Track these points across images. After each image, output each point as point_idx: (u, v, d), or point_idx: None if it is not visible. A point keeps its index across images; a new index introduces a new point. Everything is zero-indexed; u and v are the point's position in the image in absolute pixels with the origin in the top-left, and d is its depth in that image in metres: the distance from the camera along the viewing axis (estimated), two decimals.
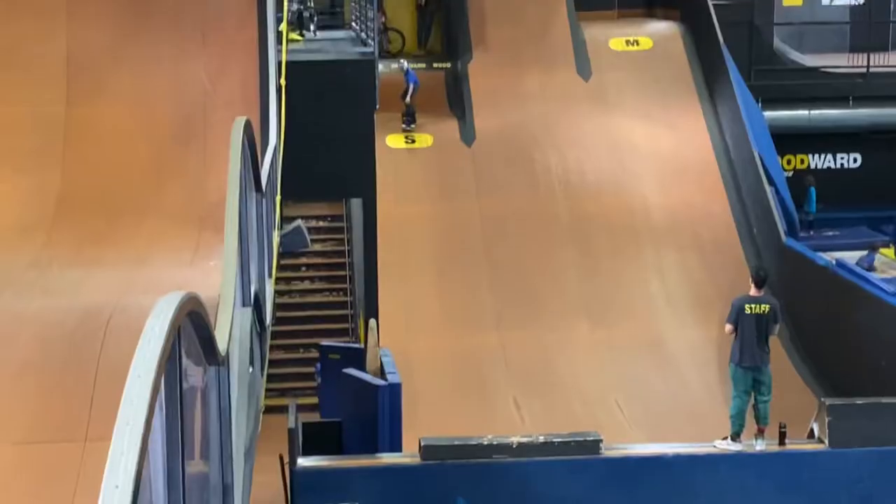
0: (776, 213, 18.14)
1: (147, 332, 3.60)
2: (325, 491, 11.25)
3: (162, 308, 3.77)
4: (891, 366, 14.83)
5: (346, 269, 18.23)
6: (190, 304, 4.17)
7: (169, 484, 4.00)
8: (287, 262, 17.54)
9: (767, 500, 11.38)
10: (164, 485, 3.95)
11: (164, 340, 3.57)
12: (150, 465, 3.63)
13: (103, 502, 3.00)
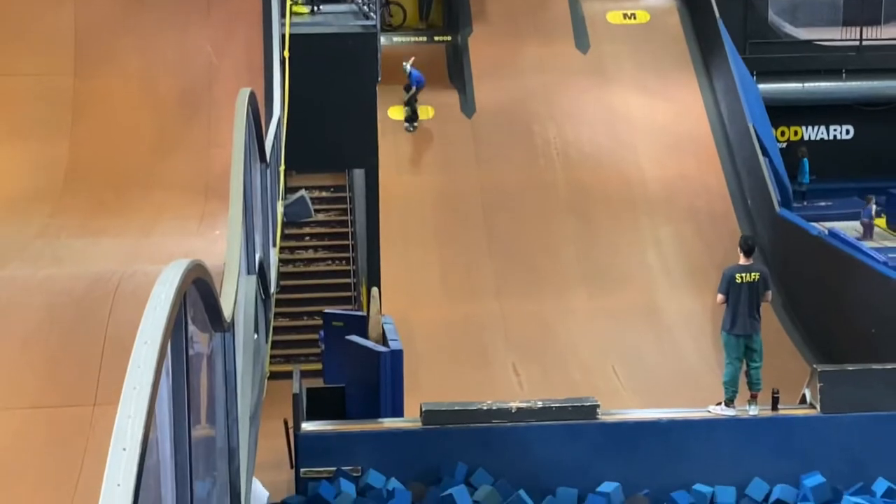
0: (770, 184, 18.28)
1: (153, 299, 3.65)
2: (328, 455, 11.45)
3: (168, 275, 3.83)
4: (881, 333, 15.01)
5: (348, 238, 18.40)
6: (195, 272, 4.25)
7: (175, 447, 4.04)
8: (291, 232, 17.71)
9: (760, 464, 11.53)
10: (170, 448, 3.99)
11: (171, 307, 3.62)
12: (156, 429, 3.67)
13: (111, 465, 3.03)
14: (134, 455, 3.07)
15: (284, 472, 11.77)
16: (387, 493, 11.04)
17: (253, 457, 7.90)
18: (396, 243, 17.38)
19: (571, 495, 11.28)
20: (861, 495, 11.26)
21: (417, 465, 11.43)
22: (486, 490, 11.18)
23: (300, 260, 18.23)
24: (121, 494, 2.93)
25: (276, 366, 14.74)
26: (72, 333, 6.83)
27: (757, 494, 11.35)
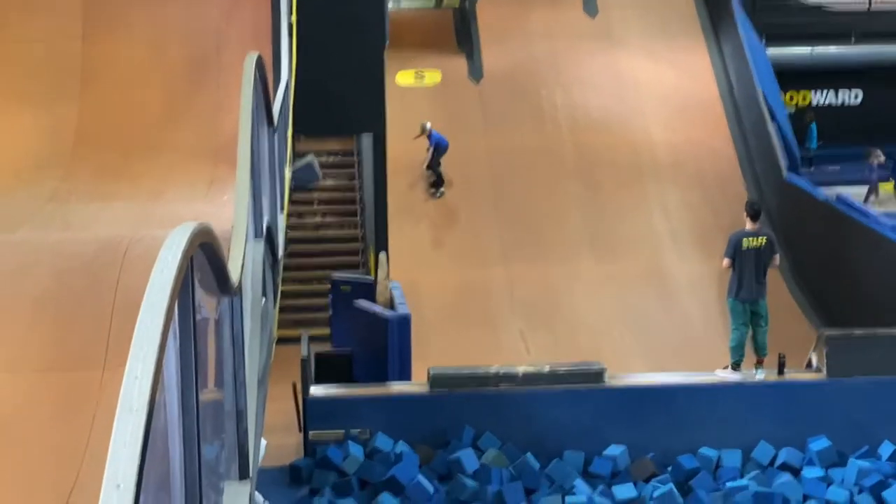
0: (778, 149, 18.26)
1: (160, 262, 3.65)
2: (336, 418, 11.54)
3: (175, 239, 3.82)
4: (887, 298, 15.04)
5: (356, 203, 18.43)
6: (202, 235, 4.26)
7: (183, 408, 4.05)
8: (299, 197, 17.75)
9: (766, 428, 11.60)
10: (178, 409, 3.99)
11: (177, 269, 3.62)
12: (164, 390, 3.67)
13: (118, 426, 3.03)
14: (141, 416, 3.08)
15: (293, 436, 11.86)
16: (395, 456, 11.12)
17: (261, 419, 7.96)
18: (404, 208, 17.41)
19: (578, 459, 11.35)
20: (867, 458, 11.31)
21: (425, 428, 11.51)
22: (493, 453, 11.26)
23: (309, 225, 18.27)
24: (128, 455, 2.97)
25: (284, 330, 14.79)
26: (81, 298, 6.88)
27: (763, 458, 11.41)
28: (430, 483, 10.79)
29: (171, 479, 3.98)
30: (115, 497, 2.87)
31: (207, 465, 4.97)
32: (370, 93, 15.24)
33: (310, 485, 11.01)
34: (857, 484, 10.97)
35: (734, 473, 11.19)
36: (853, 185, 22.11)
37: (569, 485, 10.96)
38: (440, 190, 18.15)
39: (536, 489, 10.96)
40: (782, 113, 19.62)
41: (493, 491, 10.80)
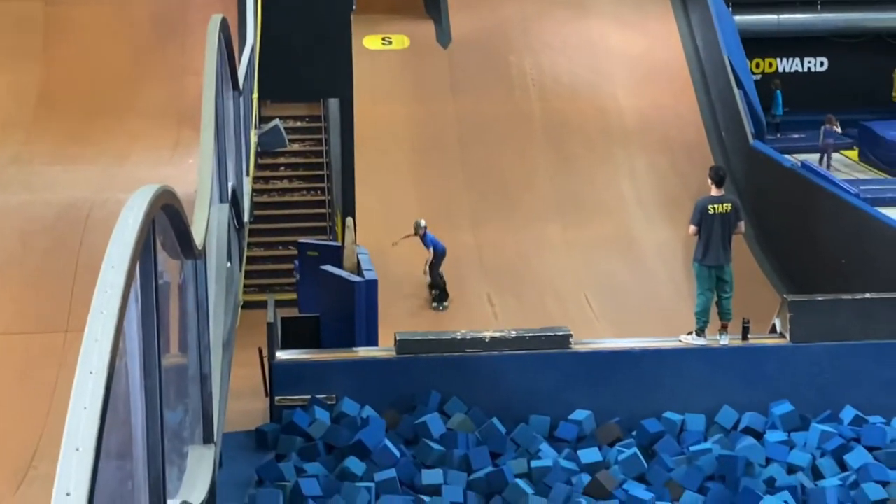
0: (744, 116, 18.32)
1: (121, 224, 3.61)
2: (302, 383, 11.53)
3: (136, 201, 3.79)
4: (851, 264, 15.16)
5: (323, 168, 18.37)
6: (164, 198, 4.23)
7: (145, 372, 4.01)
8: (266, 162, 17.67)
9: (730, 392, 11.67)
10: (140, 372, 3.95)
11: (138, 231, 3.58)
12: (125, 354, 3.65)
13: (77, 388, 3.01)
14: (101, 378, 3.05)
15: (259, 401, 11.86)
16: (361, 420, 11.14)
17: (226, 383, 7.96)
18: (371, 173, 17.37)
19: (544, 423, 11.40)
20: (829, 423, 11.42)
21: (392, 393, 11.52)
22: (459, 418, 11.29)
23: (275, 190, 18.22)
24: (87, 417, 2.95)
25: (250, 295, 14.80)
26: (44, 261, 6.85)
27: (726, 422, 11.50)
28: (397, 447, 10.82)
29: (134, 442, 3.96)
30: (74, 460, 2.85)
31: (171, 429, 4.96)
32: (337, 57, 15.14)
33: (276, 450, 11.01)
34: (819, 448, 11.07)
35: (698, 437, 11.26)
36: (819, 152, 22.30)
37: (534, 449, 11.02)
38: (444, 304, 15.73)
39: (502, 453, 11.00)
40: (749, 80, 19.69)
41: (459, 455, 10.84)
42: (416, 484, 10.52)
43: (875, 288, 12.66)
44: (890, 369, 11.71)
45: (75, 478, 2.81)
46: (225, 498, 9.66)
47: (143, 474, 4.07)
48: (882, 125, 22.96)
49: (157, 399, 4.18)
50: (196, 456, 5.74)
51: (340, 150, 16.95)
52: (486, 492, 10.53)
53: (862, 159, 22.93)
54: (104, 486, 3.34)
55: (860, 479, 10.47)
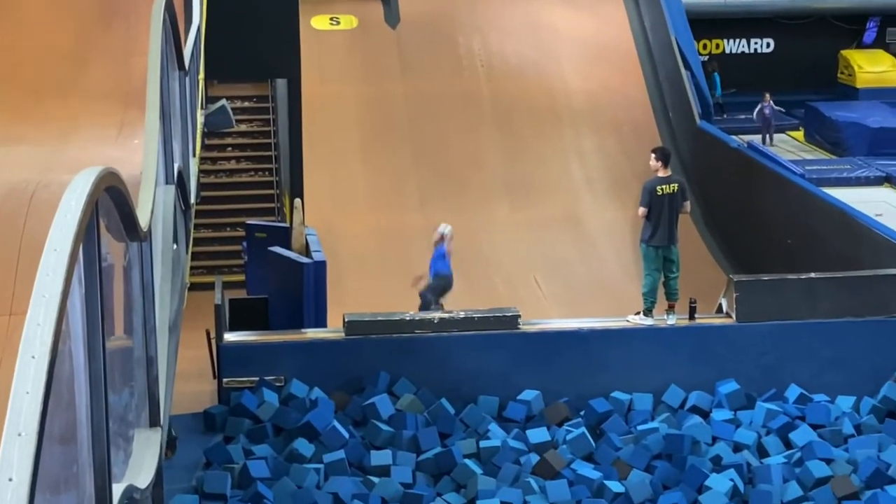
0: (691, 97, 18.44)
1: (63, 206, 3.58)
2: (251, 365, 11.48)
3: (78, 183, 3.75)
4: (796, 243, 15.31)
5: (271, 149, 18.28)
6: (108, 180, 4.19)
7: (89, 355, 4.01)
8: (213, 143, 17.56)
9: (677, 371, 11.75)
10: (84, 356, 3.95)
11: (81, 214, 3.55)
12: (69, 337, 3.64)
13: (19, 372, 2.99)
14: (43, 362, 3.03)
15: (207, 383, 11.80)
16: (309, 402, 11.12)
17: (173, 365, 7.92)
18: (320, 154, 17.30)
19: (492, 403, 11.44)
20: (774, 401, 11.54)
21: (340, 374, 11.50)
22: (408, 399, 11.30)
23: (222, 171, 18.10)
24: (29, 401, 2.92)
25: (198, 277, 14.71)
26: None
27: (673, 401, 11.59)
28: (345, 429, 10.82)
29: (78, 426, 3.93)
30: (16, 445, 2.82)
31: (116, 413, 4.93)
32: (284, 37, 15.06)
33: (224, 432, 10.97)
34: (764, 426, 11.19)
35: (645, 416, 11.35)
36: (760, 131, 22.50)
37: (483, 429, 11.05)
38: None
39: (451, 434, 11.03)
40: (696, 61, 19.80)
41: (408, 436, 10.86)
42: (365, 465, 10.53)
43: (820, 267, 12.79)
44: (834, 348, 11.85)
45: (17, 462, 2.78)
46: (173, 480, 9.62)
47: (87, 458, 4.04)
48: (827, 106, 23.19)
49: (101, 382, 4.16)
50: (142, 439, 5.72)
51: (288, 131, 16.87)
52: (435, 472, 10.56)
53: (808, 140, 23.15)
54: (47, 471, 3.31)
55: (805, 456, 10.60)
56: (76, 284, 3.76)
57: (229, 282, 13.58)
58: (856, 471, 10.41)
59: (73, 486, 3.81)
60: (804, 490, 10.23)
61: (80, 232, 3.56)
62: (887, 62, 25.84)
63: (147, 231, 5.89)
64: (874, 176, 19.48)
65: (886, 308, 11.98)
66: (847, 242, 14.18)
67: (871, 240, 13.67)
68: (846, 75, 25.87)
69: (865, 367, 11.78)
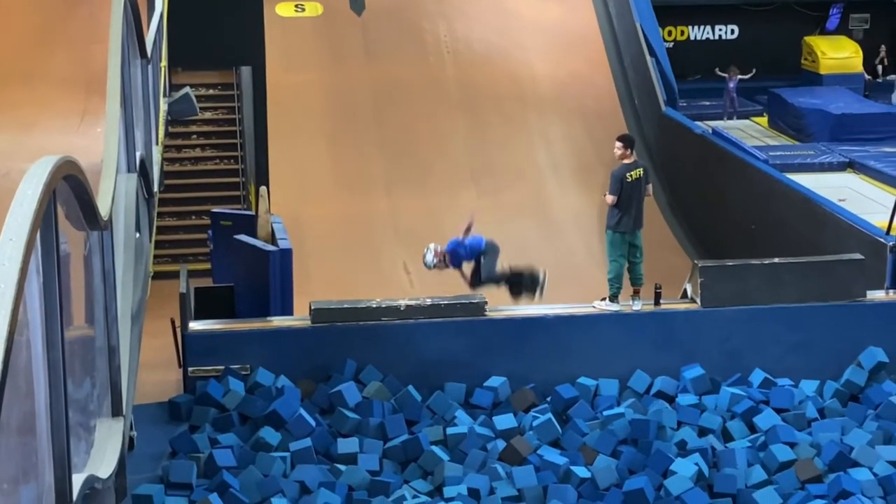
0: (656, 83, 18.48)
1: (19, 196, 3.54)
2: (216, 354, 11.44)
3: (35, 171, 3.71)
4: (760, 229, 15.39)
5: (236, 136, 18.21)
6: (66, 168, 4.15)
7: (48, 345, 3.98)
8: (177, 130, 17.46)
9: (642, 357, 11.79)
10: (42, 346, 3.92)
11: (38, 203, 3.51)
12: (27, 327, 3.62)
13: None
14: None
15: (172, 372, 11.75)
16: (276, 390, 11.10)
17: (136, 355, 7.88)
18: (285, 141, 17.25)
19: (459, 390, 11.45)
20: (738, 386, 11.61)
21: (307, 362, 11.47)
22: (375, 386, 11.30)
23: (187, 158, 18.01)
24: None
25: (163, 266, 14.65)
26: None
27: (639, 386, 11.64)
28: (312, 417, 10.81)
29: (37, 416, 3.91)
30: None
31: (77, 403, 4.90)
32: (248, 25, 15.00)
33: (189, 421, 10.93)
34: (729, 410, 11.25)
35: (611, 402, 11.39)
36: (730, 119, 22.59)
37: (450, 416, 11.07)
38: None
39: (418, 421, 11.04)
40: (661, 47, 19.85)
41: (374, 423, 10.86)
42: (332, 453, 10.52)
43: (783, 253, 12.87)
44: (798, 332, 11.93)
45: None
46: (138, 470, 9.59)
47: (47, 448, 4.02)
48: (791, 92, 23.29)
49: (60, 372, 4.13)
50: (104, 429, 5.68)
51: (253, 119, 16.81)
52: (402, 459, 10.57)
53: (771, 126, 23.26)
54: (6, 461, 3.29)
55: (769, 440, 10.68)
56: (33, 274, 3.73)
57: (194, 270, 13.53)
58: (819, 454, 10.49)
59: (32, 478, 3.78)
60: (768, 474, 10.31)
61: (37, 221, 3.53)
62: (850, 48, 25.99)
63: (108, 220, 5.84)
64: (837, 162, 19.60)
65: (849, 293, 12.06)
66: (810, 228, 14.26)
67: (834, 225, 13.76)
68: (810, 61, 26.00)
69: (829, 352, 11.86)
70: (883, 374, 11.74)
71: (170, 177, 15.87)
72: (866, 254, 12.35)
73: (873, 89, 25.66)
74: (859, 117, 21.75)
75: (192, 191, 17.27)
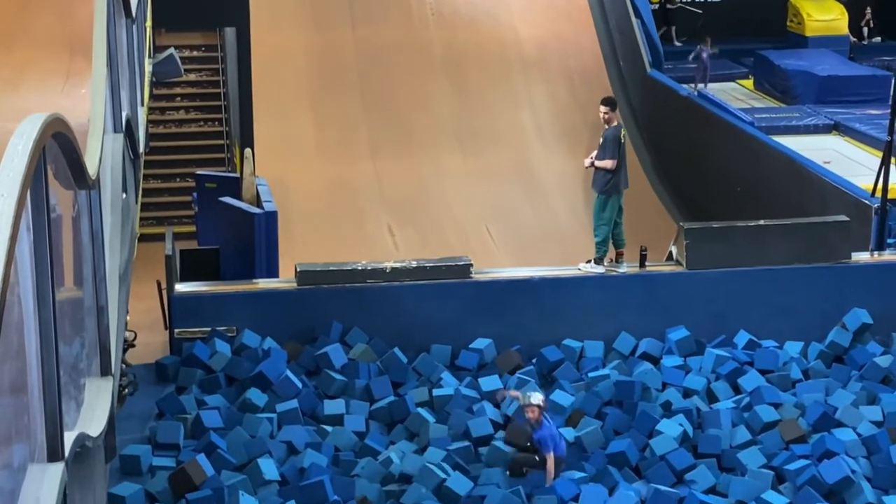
0: (642, 45, 18.43)
1: (10, 151, 3.52)
2: (202, 316, 11.43)
3: (25, 128, 3.70)
4: (746, 191, 15.41)
5: (221, 99, 18.12)
6: (55, 125, 4.14)
7: (39, 302, 3.98)
8: (161, 92, 17.37)
9: (628, 319, 11.82)
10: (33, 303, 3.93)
11: (28, 159, 3.50)
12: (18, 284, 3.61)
13: None
14: None
15: (159, 334, 11.75)
16: (262, 352, 11.10)
17: (124, 315, 7.87)
18: (270, 103, 17.18)
19: (445, 352, 11.48)
20: (723, 347, 11.66)
21: (293, 324, 11.48)
22: (361, 348, 11.32)
23: (171, 121, 17.93)
24: None
25: (148, 228, 14.61)
26: None
27: (624, 348, 11.68)
28: (298, 378, 10.82)
29: (28, 374, 3.91)
30: None
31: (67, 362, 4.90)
32: None
33: (176, 382, 10.94)
34: (713, 371, 11.31)
35: (596, 363, 11.43)
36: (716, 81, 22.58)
37: (436, 378, 11.10)
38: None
39: (404, 382, 11.07)
40: (646, 9, 19.80)
41: (360, 385, 10.88)
42: (318, 414, 10.55)
43: (768, 215, 12.89)
44: (782, 294, 11.97)
45: None
46: (126, 430, 9.60)
47: (38, 406, 4.02)
48: (777, 54, 23.28)
49: (51, 330, 4.12)
50: (94, 388, 5.68)
51: (238, 81, 16.72)
52: (388, 421, 10.60)
53: (757, 88, 23.26)
54: None
55: (753, 401, 10.73)
56: (24, 231, 3.72)
57: (180, 233, 13.49)
58: (803, 415, 10.55)
59: (24, 435, 3.79)
60: (752, 434, 10.37)
61: (28, 177, 3.51)
62: (836, 10, 25.96)
63: (96, 179, 5.82)
64: (822, 124, 19.64)
65: (834, 254, 12.11)
66: (796, 190, 14.29)
67: (819, 187, 13.79)
68: (795, 23, 25.97)
69: (813, 313, 11.92)
70: (867, 336, 11.81)
71: (155, 139, 15.81)
72: (851, 216, 12.39)
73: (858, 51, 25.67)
74: (845, 79, 21.77)
75: (177, 153, 17.20)
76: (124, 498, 8.96)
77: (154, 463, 9.62)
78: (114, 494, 8.92)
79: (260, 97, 16.62)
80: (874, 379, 11.19)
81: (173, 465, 9.53)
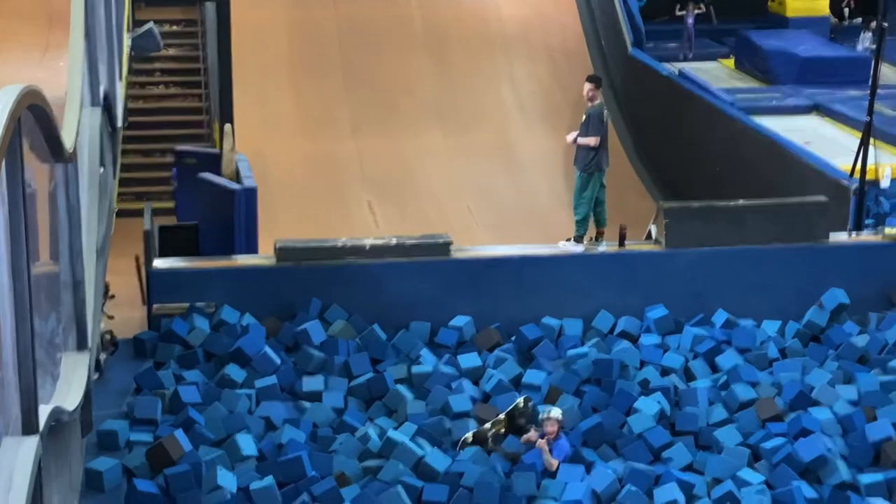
0: (623, 24, 18.41)
1: None
2: (181, 291, 11.40)
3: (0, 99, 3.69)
4: (726, 171, 15.44)
5: (200, 74, 18.03)
6: (30, 97, 4.12)
7: (14, 275, 3.98)
8: (140, 67, 17.27)
9: (607, 297, 11.83)
10: (7, 275, 3.94)
11: (3, 130, 3.49)
12: None
13: None
14: None
15: (137, 309, 11.72)
16: (241, 328, 11.08)
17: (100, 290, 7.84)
18: (250, 79, 17.13)
19: (424, 329, 11.48)
20: (701, 326, 11.70)
21: (272, 301, 11.46)
22: (340, 325, 11.31)
23: (150, 96, 17.83)
24: None
25: (127, 203, 14.55)
26: None
27: (603, 326, 11.70)
28: (277, 354, 10.81)
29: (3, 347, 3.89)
30: None
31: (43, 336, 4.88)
32: None
33: (154, 358, 10.92)
34: (691, 350, 11.35)
35: (575, 341, 11.45)
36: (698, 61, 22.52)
37: (415, 354, 11.10)
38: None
39: (383, 359, 11.06)
40: None
41: (339, 362, 10.88)
42: (297, 390, 10.54)
43: (748, 195, 12.93)
44: (760, 273, 12.01)
45: None
46: (103, 405, 9.58)
47: (13, 379, 4.01)
48: (759, 34, 23.21)
49: (26, 304, 4.11)
50: (70, 363, 5.67)
51: (217, 56, 16.64)
52: (366, 397, 10.61)
53: (738, 68, 23.21)
54: None
55: (730, 379, 10.77)
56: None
57: (159, 208, 13.45)
58: (780, 393, 10.60)
59: None
60: (729, 413, 10.41)
61: (3, 149, 3.50)
62: None
63: (73, 153, 5.79)
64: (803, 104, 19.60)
65: (812, 234, 12.15)
66: (776, 170, 14.33)
67: (799, 167, 13.82)
68: (777, 4, 25.94)
69: (791, 293, 11.96)
70: (844, 316, 11.86)
71: (133, 114, 15.73)
72: (830, 196, 12.43)
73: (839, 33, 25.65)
74: (826, 60, 21.72)
75: (156, 128, 17.12)
76: (101, 472, 8.94)
77: (131, 438, 9.60)
78: (91, 469, 8.90)
79: (240, 72, 16.56)
80: (850, 358, 11.24)
81: (151, 441, 9.51)
